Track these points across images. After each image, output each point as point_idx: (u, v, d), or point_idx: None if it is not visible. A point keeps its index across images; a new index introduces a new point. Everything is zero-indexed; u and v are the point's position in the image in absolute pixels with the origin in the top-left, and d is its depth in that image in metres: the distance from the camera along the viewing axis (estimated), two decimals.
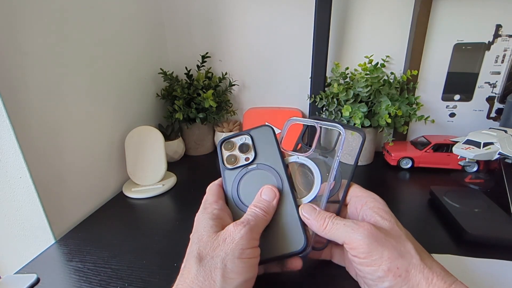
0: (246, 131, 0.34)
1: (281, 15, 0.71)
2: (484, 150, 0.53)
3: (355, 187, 0.32)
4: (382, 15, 0.67)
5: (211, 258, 0.25)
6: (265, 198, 0.29)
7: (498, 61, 0.65)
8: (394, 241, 0.25)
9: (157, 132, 0.60)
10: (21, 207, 0.43)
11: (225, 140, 0.35)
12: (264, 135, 0.34)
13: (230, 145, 0.34)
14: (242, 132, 0.35)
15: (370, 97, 0.62)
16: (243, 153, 0.33)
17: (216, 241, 0.25)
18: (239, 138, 0.34)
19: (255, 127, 0.35)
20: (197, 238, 0.26)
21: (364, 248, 0.24)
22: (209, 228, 0.27)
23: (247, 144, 0.34)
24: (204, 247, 0.25)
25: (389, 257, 0.24)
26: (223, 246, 0.25)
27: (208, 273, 0.24)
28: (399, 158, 0.63)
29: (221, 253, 0.24)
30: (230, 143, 0.34)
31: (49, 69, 0.43)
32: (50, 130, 0.44)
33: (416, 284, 0.23)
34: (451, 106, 0.71)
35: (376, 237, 0.25)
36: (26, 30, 0.40)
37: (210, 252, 0.25)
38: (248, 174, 0.32)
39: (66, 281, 0.35)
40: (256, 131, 0.34)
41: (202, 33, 0.76)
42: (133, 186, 0.58)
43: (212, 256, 0.25)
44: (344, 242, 0.26)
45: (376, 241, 0.24)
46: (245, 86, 0.80)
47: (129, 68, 0.64)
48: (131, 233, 0.45)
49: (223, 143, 0.34)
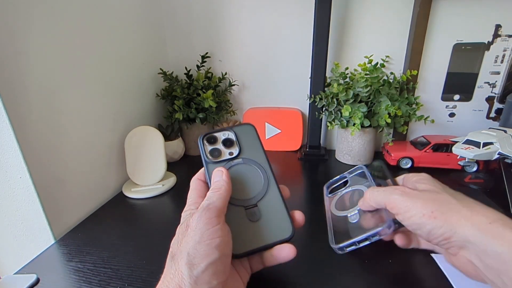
0: (229, 127, 0.35)
1: (281, 15, 0.71)
2: (483, 150, 0.53)
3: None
4: (382, 15, 0.67)
5: (180, 253, 0.25)
6: (215, 179, 0.31)
7: (497, 61, 0.65)
8: (428, 194, 0.28)
9: (157, 132, 0.60)
10: (21, 207, 0.43)
11: (207, 134, 0.35)
12: (247, 132, 0.35)
13: (213, 139, 0.35)
14: (224, 128, 0.35)
15: (370, 97, 0.62)
16: (226, 147, 0.34)
17: (181, 235, 0.26)
18: (222, 133, 0.35)
19: (237, 124, 0.36)
20: (173, 240, 0.27)
21: (401, 204, 0.28)
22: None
23: (231, 140, 0.34)
24: (174, 244, 0.26)
25: (423, 205, 0.27)
26: (187, 238, 0.25)
27: (176, 266, 0.24)
28: (399, 158, 0.63)
29: (186, 245, 0.25)
30: (213, 137, 0.35)
31: (49, 69, 0.43)
32: (49, 130, 0.44)
33: (456, 222, 0.25)
34: (451, 106, 0.71)
35: (409, 194, 0.29)
36: (26, 31, 0.40)
37: (179, 247, 0.25)
38: (233, 168, 0.33)
39: (66, 281, 0.35)
40: (239, 128, 0.35)
41: (202, 33, 0.76)
42: (133, 186, 0.58)
43: (180, 250, 0.25)
44: (385, 204, 0.30)
45: (409, 196, 0.28)
46: (244, 86, 0.80)
47: (129, 68, 0.64)
48: (131, 233, 0.45)
49: (205, 137, 0.35)
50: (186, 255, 0.24)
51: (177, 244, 0.26)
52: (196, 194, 0.31)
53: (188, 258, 0.24)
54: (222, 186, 0.29)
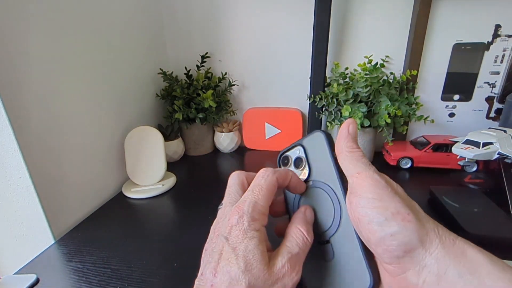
0: (299, 140, 0.30)
1: (281, 15, 0.71)
2: (483, 150, 0.53)
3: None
4: (382, 15, 0.67)
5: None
6: (309, 219, 0.26)
7: (497, 61, 0.65)
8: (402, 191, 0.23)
9: (156, 132, 0.60)
10: (21, 207, 0.43)
11: (282, 155, 0.31)
12: (316, 144, 0.29)
13: (287, 160, 0.31)
14: (296, 142, 0.30)
15: (370, 97, 0.62)
16: (298, 168, 0.29)
17: (269, 282, 0.22)
18: (293, 150, 0.30)
19: (307, 134, 0.30)
20: (244, 262, 0.22)
21: (376, 187, 0.22)
22: (260, 256, 0.22)
23: (301, 158, 0.29)
24: (255, 285, 0.21)
25: (400, 201, 0.21)
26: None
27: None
28: (399, 158, 0.63)
29: None
30: (286, 158, 0.31)
31: (49, 69, 0.43)
32: (49, 130, 0.44)
33: (425, 235, 0.20)
34: (451, 106, 0.71)
35: (390, 182, 0.23)
36: (27, 31, 0.40)
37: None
38: (306, 194, 0.28)
39: (66, 281, 0.35)
40: (308, 139, 0.29)
41: (202, 33, 0.76)
42: (133, 186, 0.58)
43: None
44: (359, 173, 0.24)
45: (390, 184, 0.23)
46: (244, 86, 0.80)
47: (129, 69, 0.64)
48: (131, 233, 0.45)
49: (281, 158, 0.31)
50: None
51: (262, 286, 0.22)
52: (268, 201, 0.26)
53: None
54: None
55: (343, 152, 0.25)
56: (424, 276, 0.20)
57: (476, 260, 0.19)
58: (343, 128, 0.26)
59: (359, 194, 0.23)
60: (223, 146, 0.77)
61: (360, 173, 0.23)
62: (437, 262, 0.20)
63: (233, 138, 0.77)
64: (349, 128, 0.26)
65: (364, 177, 0.23)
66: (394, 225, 0.21)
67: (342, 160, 0.25)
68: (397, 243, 0.20)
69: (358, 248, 0.24)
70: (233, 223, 0.24)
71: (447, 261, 0.20)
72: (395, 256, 0.21)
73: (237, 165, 0.72)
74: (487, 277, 0.19)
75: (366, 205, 0.22)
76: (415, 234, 0.20)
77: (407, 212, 0.21)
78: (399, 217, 0.21)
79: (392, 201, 0.21)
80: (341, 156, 0.25)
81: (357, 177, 0.23)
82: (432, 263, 0.20)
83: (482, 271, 0.19)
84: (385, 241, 0.21)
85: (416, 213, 0.21)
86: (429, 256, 0.20)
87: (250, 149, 0.81)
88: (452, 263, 0.19)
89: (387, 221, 0.21)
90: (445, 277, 0.19)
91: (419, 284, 0.20)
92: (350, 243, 0.24)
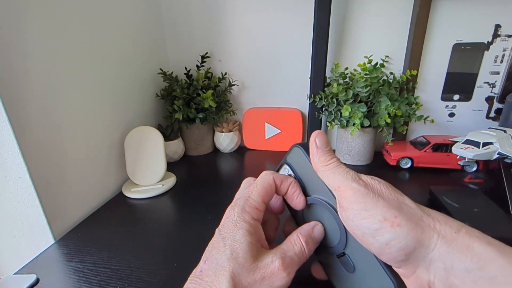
0: (283, 159, 0.30)
1: (281, 15, 0.71)
2: (483, 150, 0.53)
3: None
4: (382, 15, 0.67)
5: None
6: (316, 236, 0.26)
7: (497, 61, 0.65)
8: (388, 192, 0.22)
9: (156, 132, 0.60)
10: (21, 207, 0.42)
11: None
12: (298, 159, 0.29)
13: None
14: (282, 161, 0.30)
15: (370, 97, 0.63)
16: None
17: (254, 274, 0.22)
18: (282, 170, 0.30)
19: (288, 151, 0.30)
20: (230, 250, 0.22)
21: (358, 198, 0.22)
22: (246, 246, 0.23)
23: (290, 176, 0.29)
24: (240, 273, 0.22)
25: (385, 205, 0.21)
26: (260, 285, 0.22)
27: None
28: (399, 158, 0.63)
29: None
30: None
31: (49, 69, 0.43)
32: (49, 130, 0.44)
33: (421, 233, 0.20)
34: (451, 106, 0.71)
35: (372, 187, 0.22)
36: (27, 31, 0.40)
37: (246, 285, 0.22)
38: (307, 209, 0.28)
39: (66, 282, 0.35)
40: (290, 156, 0.30)
41: (202, 33, 0.76)
42: (133, 186, 0.58)
43: None
44: (339, 186, 0.23)
45: (371, 190, 0.22)
46: (244, 86, 0.80)
47: (128, 68, 0.64)
48: (131, 233, 0.45)
49: None
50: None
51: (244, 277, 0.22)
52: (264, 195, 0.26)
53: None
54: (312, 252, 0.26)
55: (319, 168, 0.25)
56: (433, 271, 0.20)
57: (484, 254, 0.18)
58: (311, 144, 0.26)
59: (345, 208, 0.23)
60: (223, 146, 0.77)
61: (340, 186, 0.23)
62: (441, 257, 0.19)
63: (233, 138, 0.77)
64: (316, 141, 0.26)
65: (344, 189, 0.23)
66: (386, 233, 0.20)
67: (322, 177, 0.25)
68: (395, 249, 0.20)
69: (374, 258, 0.23)
70: (226, 215, 0.25)
71: (452, 256, 0.19)
72: (400, 261, 0.21)
73: (237, 165, 0.72)
74: (498, 272, 0.18)
75: (354, 218, 0.22)
76: (409, 237, 0.20)
77: (394, 216, 0.20)
78: (388, 224, 0.20)
79: (377, 208, 0.21)
80: (319, 173, 0.25)
81: (338, 190, 0.23)
82: (436, 258, 0.19)
83: (492, 266, 0.18)
84: (384, 250, 0.21)
85: (406, 212, 0.21)
86: (431, 252, 0.20)
87: (250, 149, 0.81)
88: (457, 258, 0.19)
89: (377, 231, 0.20)
90: (453, 271, 0.19)
91: (432, 280, 0.20)
92: (364, 252, 0.24)
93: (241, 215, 0.24)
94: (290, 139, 0.78)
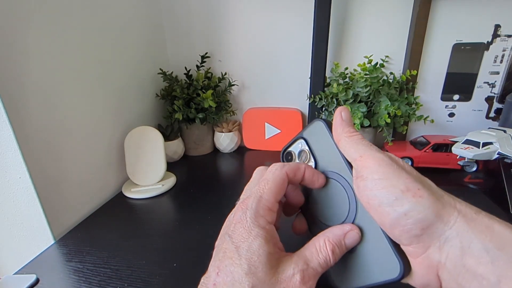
0: (299, 133, 0.29)
1: (281, 15, 0.71)
2: (483, 150, 0.53)
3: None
4: (382, 15, 0.67)
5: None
6: (348, 244, 0.23)
7: (497, 61, 0.65)
8: (411, 168, 0.22)
9: (156, 133, 0.60)
10: (21, 207, 0.42)
11: (285, 151, 0.31)
12: (318, 134, 0.28)
13: (290, 156, 0.30)
14: (296, 136, 0.30)
15: (370, 97, 0.63)
16: (303, 162, 0.28)
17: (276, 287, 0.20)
18: (295, 145, 0.30)
19: (307, 125, 0.29)
20: (248, 264, 0.20)
21: (380, 167, 0.21)
22: (265, 259, 0.20)
23: (304, 151, 0.29)
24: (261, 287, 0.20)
25: (407, 177, 0.20)
26: None
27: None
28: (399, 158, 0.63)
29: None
30: (290, 153, 0.30)
31: (49, 70, 0.43)
32: (49, 130, 0.44)
33: (442, 208, 0.19)
34: (450, 106, 0.71)
35: (395, 159, 0.22)
36: (26, 31, 0.40)
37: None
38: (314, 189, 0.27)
39: (66, 282, 0.35)
40: (308, 131, 0.29)
41: (202, 33, 0.76)
42: (133, 186, 0.58)
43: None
44: (359, 158, 0.22)
45: (395, 161, 0.21)
46: (244, 86, 0.80)
47: (128, 69, 0.64)
48: (131, 233, 0.45)
49: (284, 155, 0.31)
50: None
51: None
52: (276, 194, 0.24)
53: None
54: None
55: (342, 137, 0.24)
56: (446, 251, 0.19)
57: (504, 235, 0.18)
58: (336, 116, 0.25)
59: (365, 177, 0.21)
60: (223, 146, 0.77)
61: (362, 156, 0.22)
62: (459, 235, 0.18)
63: (233, 138, 0.77)
64: (342, 115, 0.25)
65: (367, 158, 0.22)
66: (406, 203, 0.19)
67: (343, 146, 0.24)
68: (413, 221, 0.19)
69: (382, 235, 0.22)
70: (237, 219, 0.22)
71: (471, 235, 0.18)
72: (414, 236, 0.19)
73: (237, 165, 0.72)
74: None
75: (374, 187, 0.21)
76: (430, 209, 0.19)
77: (417, 187, 0.19)
78: (410, 194, 0.19)
79: (400, 178, 0.20)
80: (341, 142, 0.24)
81: (360, 160, 0.22)
82: (453, 236, 0.19)
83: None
84: (400, 222, 0.19)
85: (428, 187, 0.20)
86: (449, 230, 0.19)
87: (250, 149, 0.81)
88: (476, 237, 0.18)
89: (397, 200, 0.19)
90: (470, 250, 0.18)
91: (442, 261, 0.19)
92: (372, 230, 0.23)
93: (256, 221, 0.22)
94: (290, 139, 0.78)
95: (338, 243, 0.23)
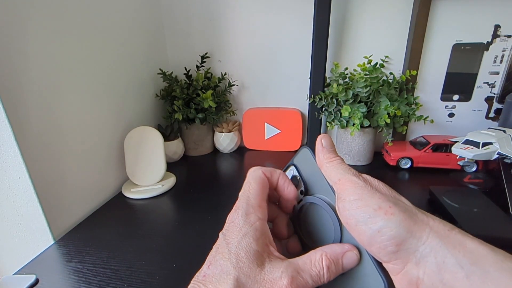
0: (291, 160, 0.32)
1: (281, 16, 0.71)
2: (483, 150, 0.53)
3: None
4: (381, 16, 0.67)
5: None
6: (346, 264, 0.24)
7: (496, 61, 0.65)
8: (385, 188, 0.23)
9: (156, 133, 0.60)
10: (20, 207, 0.42)
11: None
12: (305, 160, 0.30)
13: None
14: (289, 163, 0.32)
15: (370, 97, 0.63)
16: (296, 187, 0.30)
17: (259, 285, 0.21)
18: (288, 171, 0.32)
19: (296, 152, 0.32)
20: (236, 258, 0.22)
21: (356, 189, 0.23)
22: (252, 255, 0.22)
23: (295, 176, 0.31)
24: (244, 283, 0.21)
25: (380, 197, 0.22)
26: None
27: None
28: (398, 158, 0.63)
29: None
30: None
31: (49, 70, 0.43)
32: (49, 130, 0.44)
33: (413, 225, 0.20)
34: (450, 106, 0.71)
35: (370, 181, 0.24)
36: (26, 31, 0.40)
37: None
38: (304, 208, 0.29)
39: (65, 282, 0.35)
40: (297, 158, 0.31)
41: (201, 33, 0.76)
42: (133, 186, 0.58)
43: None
44: (340, 179, 0.24)
45: (369, 183, 0.23)
46: (244, 87, 0.80)
47: (128, 69, 0.64)
48: (131, 233, 0.45)
49: None
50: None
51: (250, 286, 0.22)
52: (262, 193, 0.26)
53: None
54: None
55: (323, 163, 0.26)
56: (423, 266, 0.20)
57: (477, 251, 0.19)
58: (317, 143, 0.28)
59: (343, 199, 0.23)
60: (222, 146, 0.77)
61: (340, 179, 0.24)
62: (433, 251, 0.19)
63: (232, 138, 0.77)
64: (322, 142, 0.27)
65: (345, 181, 0.24)
66: (379, 220, 0.21)
67: (324, 171, 0.26)
68: (386, 237, 0.20)
69: (366, 254, 0.23)
70: (231, 219, 0.24)
71: (444, 250, 0.19)
72: (390, 252, 0.21)
73: (237, 165, 0.72)
74: (491, 267, 0.18)
75: (350, 207, 0.22)
76: (401, 226, 0.20)
77: (389, 205, 0.21)
78: (382, 212, 0.21)
79: (373, 198, 0.22)
80: (323, 167, 0.27)
81: (338, 183, 0.24)
82: (427, 252, 0.20)
83: (485, 261, 0.18)
84: (375, 239, 0.21)
85: (400, 206, 0.21)
86: (422, 245, 0.20)
87: (250, 149, 0.81)
88: (449, 253, 0.19)
89: (371, 218, 0.21)
90: (445, 266, 0.19)
91: (420, 277, 0.20)
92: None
93: (246, 218, 0.24)
94: (290, 139, 0.78)
95: (335, 260, 0.24)
